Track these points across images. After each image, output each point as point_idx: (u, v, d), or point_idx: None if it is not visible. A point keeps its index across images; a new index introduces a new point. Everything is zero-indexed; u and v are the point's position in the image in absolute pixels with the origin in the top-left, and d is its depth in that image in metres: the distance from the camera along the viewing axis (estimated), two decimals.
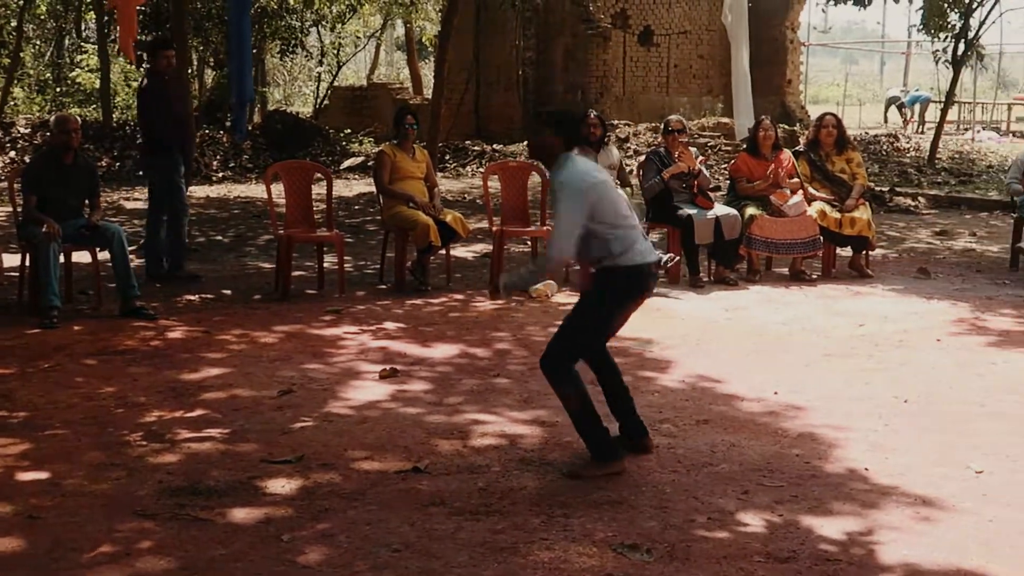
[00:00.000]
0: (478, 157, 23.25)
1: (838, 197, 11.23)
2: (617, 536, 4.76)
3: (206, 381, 7.25)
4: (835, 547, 4.71)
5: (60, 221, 9.04)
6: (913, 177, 20.81)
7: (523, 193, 11.48)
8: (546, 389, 7.00)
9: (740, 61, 23.16)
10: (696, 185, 10.95)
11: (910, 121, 35.88)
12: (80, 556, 4.54)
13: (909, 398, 6.98)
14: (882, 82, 58.49)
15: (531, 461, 5.74)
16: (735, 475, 5.58)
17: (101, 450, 5.85)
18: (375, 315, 9.33)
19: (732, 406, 6.81)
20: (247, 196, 18.65)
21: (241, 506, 5.09)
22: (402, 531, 4.80)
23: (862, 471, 5.67)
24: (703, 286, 10.60)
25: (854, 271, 11.33)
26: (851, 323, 9.15)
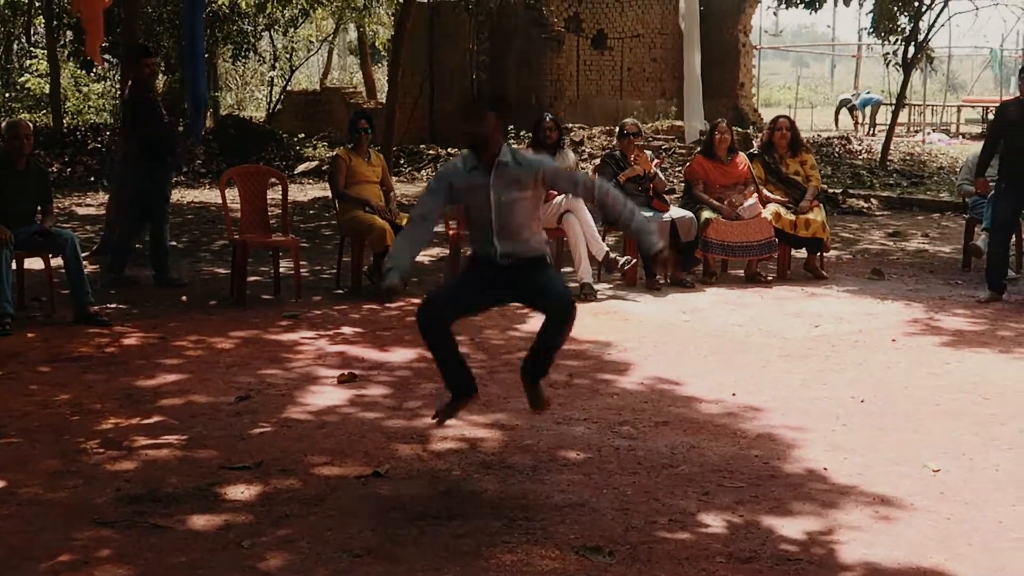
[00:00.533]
0: (433, 161, 23.24)
1: (792, 199, 11.29)
2: (579, 538, 4.76)
3: (163, 387, 7.20)
4: (796, 547, 4.73)
5: (12, 227, 8.95)
6: (865, 179, 20.95)
7: None
8: (506, 393, 7.04)
9: (692, 64, 23.29)
10: (652, 188, 10.98)
11: (861, 124, 36.12)
12: (37, 565, 4.49)
13: (866, 398, 7.02)
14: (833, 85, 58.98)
15: (491, 465, 5.73)
16: (695, 476, 5.59)
17: (57, 458, 5.80)
18: (332, 320, 9.30)
19: (691, 408, 6.83)
20: (201, 201, 18.55)
21: (200, 513, 5.05)
22: (363, 536, 4.78)
23: (821, 471, 5.69)
24: (660, 288, 10.62)
25: (809, 272, 11.38)
26: (807, 324, 9.20)
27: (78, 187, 19.57)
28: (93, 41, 13.12)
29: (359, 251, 10.40)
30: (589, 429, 6.35)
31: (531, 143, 11.19)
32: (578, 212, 10.36)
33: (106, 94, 28.80)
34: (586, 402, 6.91)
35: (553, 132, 10.94)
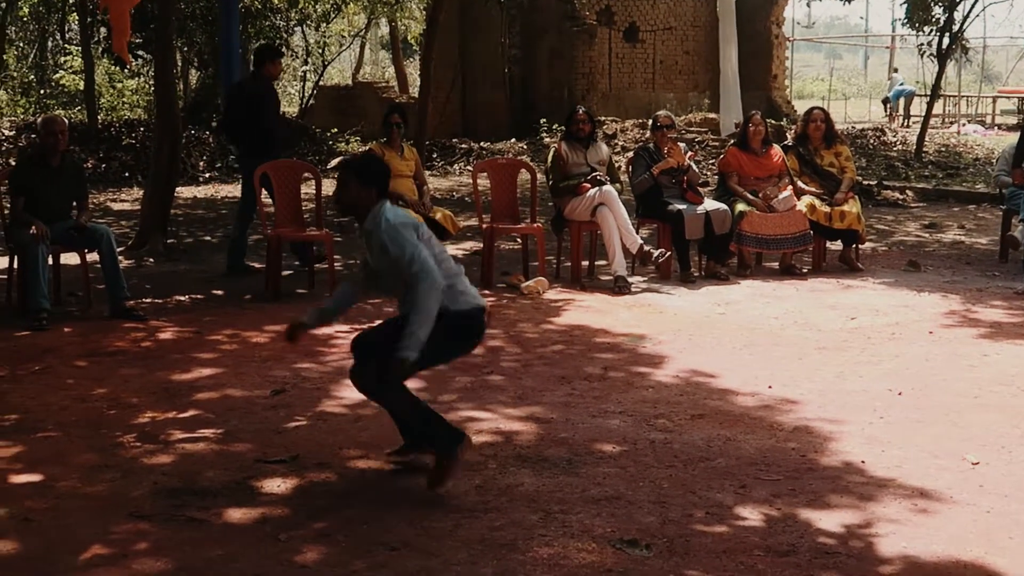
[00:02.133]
0: (465, 155, 23.22)
1: (827, 191, 11.23)
2: (616, 532, 4.75)
3: (198, 381, 7.22)
4: (834, 540, 4.70)
5: (48, 223, 8.98)
6: (900, 170, 20.81)
7: (512, 190, 11.45)
8: (540, 386, 7.04)
9: (728, 57, 23.19)
10: (685, 180, 10.94)
11: (895, 116, 35.91)
12: (75, 558, 4.51)
13: (903, 391, 6.97)
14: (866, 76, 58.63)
15: (527, 458, 5.72)
16: (732, 469, 5.57)
17: (94, 452, 5.83)
18: (366, 314, 9.28)
19: (727, 401, 6.80)
20: (235, 196, 18.57)
21: (237, 506, 5.07)
22: (400, 529, 4.78)
23: (858, 464, 5.66)
24: (694, 281, 10.58)
25: (844, 265, 11.32)
26: (843, 317, 9.15)
27: (113, 183, 19.63)
28: (120, 38, 13.18)
29: None
30: (625, 422, 6.33)
31: (563, 136, 11.17)
32: (612, 205, 10.33)
33: (140, 90, 28.92)
34: (621, 395, 6.89)
35: (586, 125, 10.91)
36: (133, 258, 11.76)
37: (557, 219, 10.97)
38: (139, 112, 27.76)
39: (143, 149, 20.39)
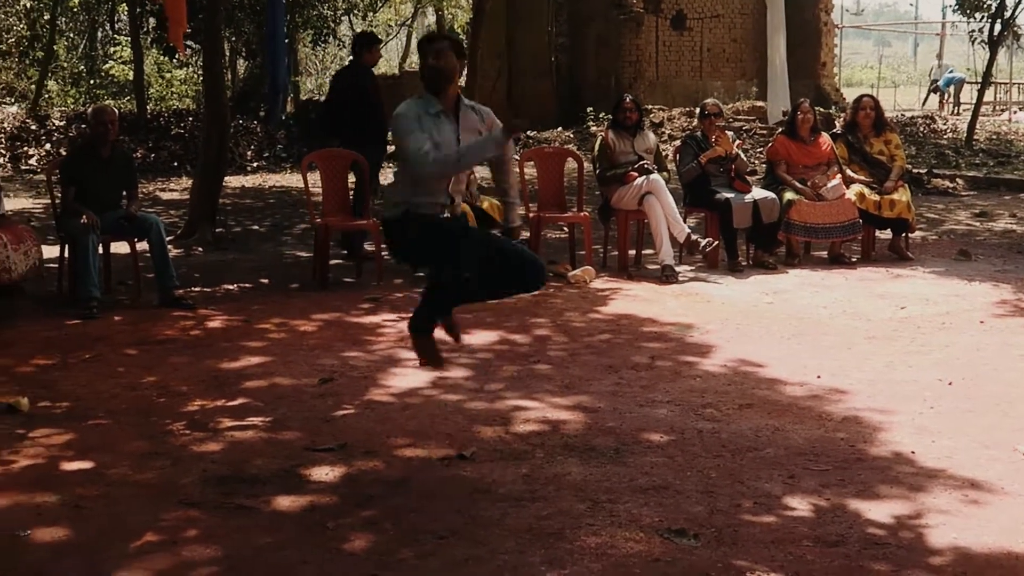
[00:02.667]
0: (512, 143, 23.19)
1: (876, 179, 11.15)
2: (664, 521, 4.73)
3: (247, 370, 7.26)
4: (884, 531, 4.66)
5: (98, 212, 9.05)
6: (951, 159, 20.65)
7: (559, 179, 11.45)
8: (587, 375, 7.03)
9: (776, 45, 23.03)
10: (733, 169, 10.90)
11: (946, 103, 35.57)
12: (126, 545, 4.54)
13: (954, 380, 6.92)
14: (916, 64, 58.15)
15: (574, 447, 5.71)
16: (780, 459, 5.54)
17: (144, 439, 5.86)
18: (413, 302, 9.21)
19: (775, 390, 6.76)
20: (282, 185, 18.68)
21: (285, 494, 5.08)
22: (447, 518, 4.79)
23: (908, 454, 5.62)
24: (742, 270, 10.55)
25: (894, 254, 11.25)
26: (892, 306, 9.08)
27: (162, 172, 19.78)
28: (176, 28, 13.25)
29: None
30: (672, 411, 6.31)
31: (610, 125, 11.14)
32: (659, 194, 10.31)
33: (188, 80, 29.08)
34: (669, 384, 6.87)
35: (633, 113, 10.89)
36: (182, 247, 11.84)
37: (604, 208, 10.96)
38: (187, 102, 27.92)
39: (192, 139, 20.54)
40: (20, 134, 21.26)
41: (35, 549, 4.50)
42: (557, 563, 4.33)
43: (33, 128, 21.57)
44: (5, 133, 21.13)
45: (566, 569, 4.28)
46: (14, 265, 8.66)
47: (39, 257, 9.06)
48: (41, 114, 22.82)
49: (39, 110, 23.49)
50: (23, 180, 18.78)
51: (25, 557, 4.42)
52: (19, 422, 6.16)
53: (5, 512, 4.89)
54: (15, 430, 6.02)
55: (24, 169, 19.86)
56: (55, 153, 19.88)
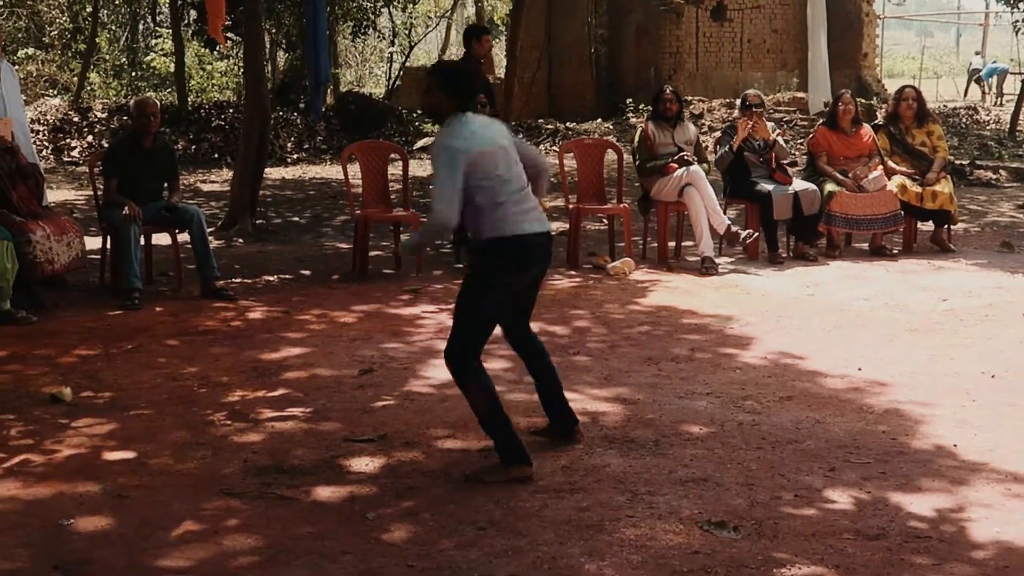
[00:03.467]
0: (551, 135, 23.20)
1: (918, 171, 11.08)
2: (703, 513, 4.72)
3: (287, 361, 7.28)
4: (925, 524, 4.64)
5: (140, 203, 9.11)
6: (994, 150, 20.50)
7: (599, 170, 11.43)
8: (627, 367, 7.02)
9: (817, 36, 22.89)
10: (773, 157, 10.85)
11: (988, 93, 35.29)
12: (167, 534, 4.57)
13: (996, 373, 6.87)
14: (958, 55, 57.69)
15: (614, 439, 5.71)
16: (821, 452, 5.51)
17: (186, 429, 5.90)
18: (452, 294, 9.23)
19: (815, 382, 6.73)
20: (322, 177, 18.74)
21: (325, 484, 5.11)
22: (487, 509, 4.80)
23: (950, 447, 5.58)
24: (782, 262, 10.50)
25: (936, 246, 11.17)
26: (934, 298, 9.02)
27: (203, 164, 19.88)
28: (215, 21, 13.30)
29: None
30: (712, 404, 6.29)
31: (650, 116, 11.11)
32: (699, 185, 10.27)
33: (229, 72, 29.20)
34: (708, 376, 6.85)
35: (673, 104, 10.86)
36: (223, 238, 11.90)
37: (644, 199, 10.93)
38: (228, 94, 28.03)
39: (232, 130, 20.64)
40: (63, 126, 21.41)
41: (78, 538, 4.54)
42: (596, 555, 4.33)
43: (75, 120, 21.71)
44: (48, 125, 21.28)
45: (605, 561, 4.28)
46: (57, 256, 8.73)
47: (82, 248, 9.14)
48: (83, 106, 22.95)
49: (81, 102, 23.63)
50: (66, 172, 18.91)
51: (68, 546, 4.46)
52: (62, 412, 6.21)
53: (49, 501, 4.93)
54: (58, 420, 6.07)
55: (67, 161, 20.00)
56: (97, 145, 20.01)
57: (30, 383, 6.79)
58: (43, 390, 6.58)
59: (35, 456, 5.51)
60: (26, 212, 8.74)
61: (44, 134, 20.82)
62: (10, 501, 4.93)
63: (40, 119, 21.25)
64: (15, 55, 26.68)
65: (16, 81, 10.14)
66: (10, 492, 5.03)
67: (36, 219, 8.76)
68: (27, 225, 8.57)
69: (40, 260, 8.56)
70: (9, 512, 4.81)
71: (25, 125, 10.28)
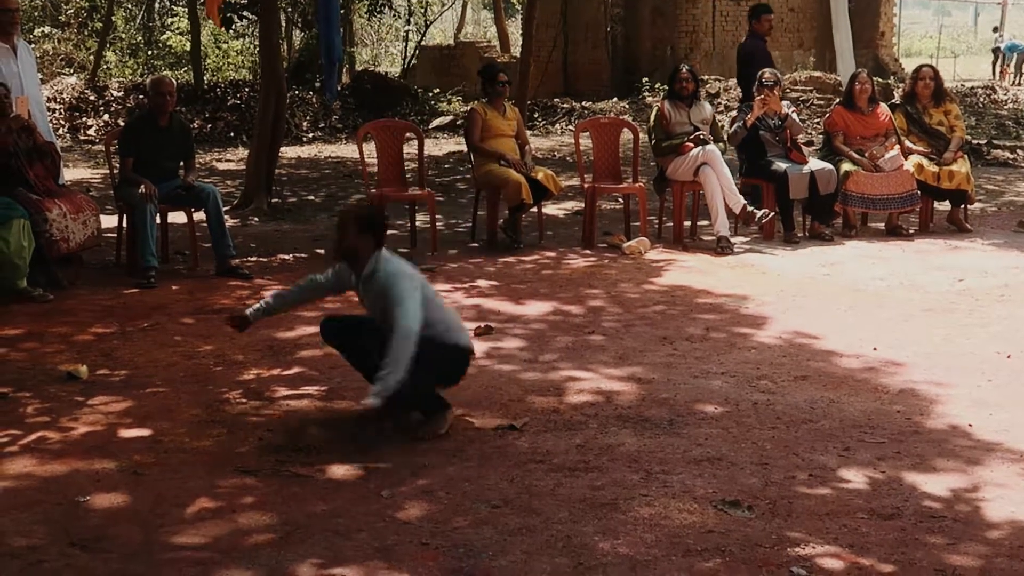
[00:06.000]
0: (567, 114, 23.16)
1: (935, 150, 11.03)
2: (718, 493, 4.73)
3: (302, 339, 7.29)
4: (940, 504, 4.64)
5: (156, 182, 9.12)
6: (1011, 130, 20.39)
7: (615, 150, 11.40)
8: (642, 346, 7.03)
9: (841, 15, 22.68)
10: (788, 135, 10.81)
11: (1006, 72, 35.11)
12: (183, 511, 4.60)
13: (1012, 353, 6.84)
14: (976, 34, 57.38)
15: (628, 418, 5.71)
16: (835, 431, 5.51)
17: (201, 408, 5.92)
18: (468, 273, 9.33)
19: (830, 362, 6.73)
20: (338, 156, 18.73)
21: (340, 463, 5.12)
22: (501, 487, 4.81)
23: (965, 427, 5.58)
24: (798, 242, 10.48)
25: (952, 225, 11.14)
26: (950, 278, 9.00)
27: (218, 143, 19.89)
28: (211, 3, 13.31)
29: (494, 205, 10.42)
30: (727, 383, 6.29)
31: (666, 95, 11.09)
32: (715, 164, 10.24)
33: (245, 51, 29.19)
34: (723, 356, 6.85)
35: (689, 84, 10.82)
36: (238, 217, 11.91)
37: (659, 179, 10.91)
38: (244, 73, 28.03)
39: (248, 109, 20.64)
40: (79, 104, 21.43)
41: (93, 515, 4.57)
42: (610, 533, 4.34)
43: (92, 99, 21.73)
44: (64, 104, 21.31)
45: (619, 539, 4.29)
46: (73, 234, 8.75)
47: (98, 226, 9.16)
48: (99, 85, 22.96)
49: (97, 81, 23.63)
50: (82, 150, 18.93)
51: (84, 523, 4.48)
52: (78, 389, 6.24)
53: (65, 478, 4.96)
54: (74, 397, 6.10)
55: (83, 139, 20.03)
56: (113, 123, 20.02)
57: (46, 361, 6.82)
58: (59, 368, 6.61)
59: (51, 433, 5.54)
60: (43, 190, 8.75)
61: (60, 112, 20.85)
62: (27, 478, 4.96)
63: (56, 97, 21.28)
64: (31, 33, 26.71)
65: (33, 60, 10.14)
66: (27, 469, 5.07)
67: (52, 197, 8.78)
68: (43, 203, 8.59)
69: (56, 238, 8.59)
70: (26, 489, 4.83)
71: (42, 103, 10.30)
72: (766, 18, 12.62)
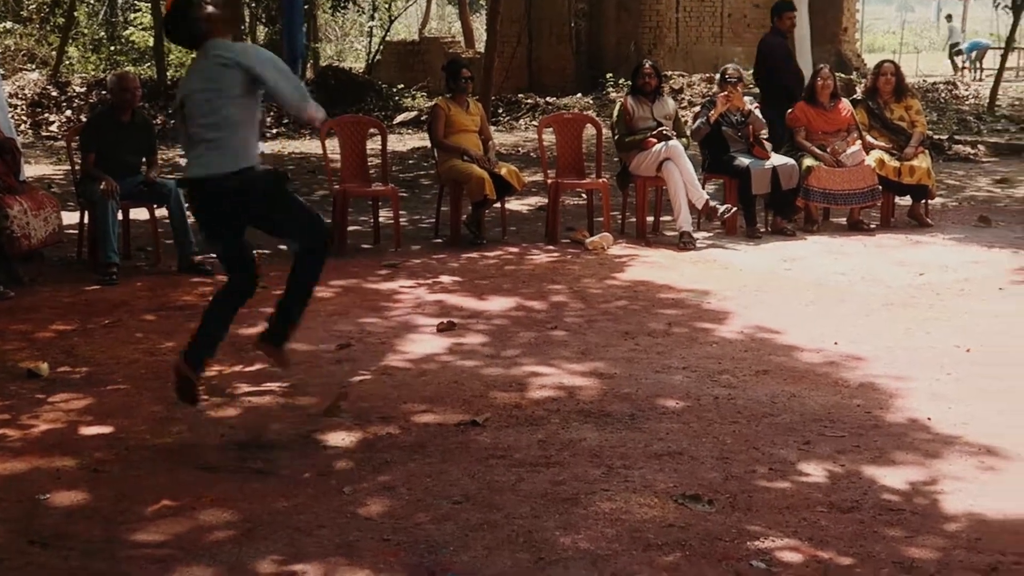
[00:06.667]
0: (531, 110, 23.18)
1: (897, 145, 11.10)
2: (678, 487, 4.74)
3: None
4: (898, 497, 4.67)
5: (118, 178, 9.09)
6: (972, 125, 20.53)
7: (578, 145, 11.42)
8: (604, 341, 7.04)
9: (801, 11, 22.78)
10: (751, 131, 10.85)
11: (965, 68, 35.33)
12: (144, 508, 4.58)
13: (972, 347, 6.89)
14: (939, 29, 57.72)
15: (590, 413, 5.73)
16: (796, 425, 5.54)
17: (163, 404, 5.90)
18: (431, 269, 9.34)
19: (791, 357, 6.76)
20: (301, 152, 18.69)
21: (302, 459, 5.12)
22: (463, 483, 4.81)
23: (924, 421, 5.61)
24: (760, 237, 10.53)
25: (913, 220, 11.20)
26: (911, 272, 9.05)
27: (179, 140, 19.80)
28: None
29: (457, 200, 10.42)
30: (688, 378, 6.32)
31: (630, 91, 11.12)
32: (678, 160, 10.27)
33: None
34: (685, 351, 6.87)
35: (652, 79, 10.85)
36: None
37: (622, 174, 10.94)
38: None
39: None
40: (41, 100, 21.33)
41: (54, 512, 4.54)
42: (571, 528, 4.35)
43: (54, 94, 21.63)
44: (26, 99, 21.20)
45: (580, 534, 4.30)
46: (34, 231, 8.71)
47: (59, 223, 9.12)
48: (62, 80, 22.85)
49: (60, 76, 23.51)
50: (44, 146, 18.83)
51: (44, 520, 4.46)
52: (39, 387, 6.21)
53: (25, 476, 4.93)
54: (35, 395, 6.07)
55: (45, 136, 19.93)
56: (75, 119, 19.93)
57: (7, 358, 6.78)
58: (20, 365, 6.58)
59: (11, 431, 5.51)
60: (3, 187, 8.71)
61: (22, 109, 20.74)
62: None
63: (18, 93, 21.17)
64: None
65: None
66: None
67: (13, 194, 8.73)
68: (4, 200, 8.55)
69: (17, 235, 8.54)
70: None
71: (3, 99, 10.25)
72: (788, 15, 12.70)
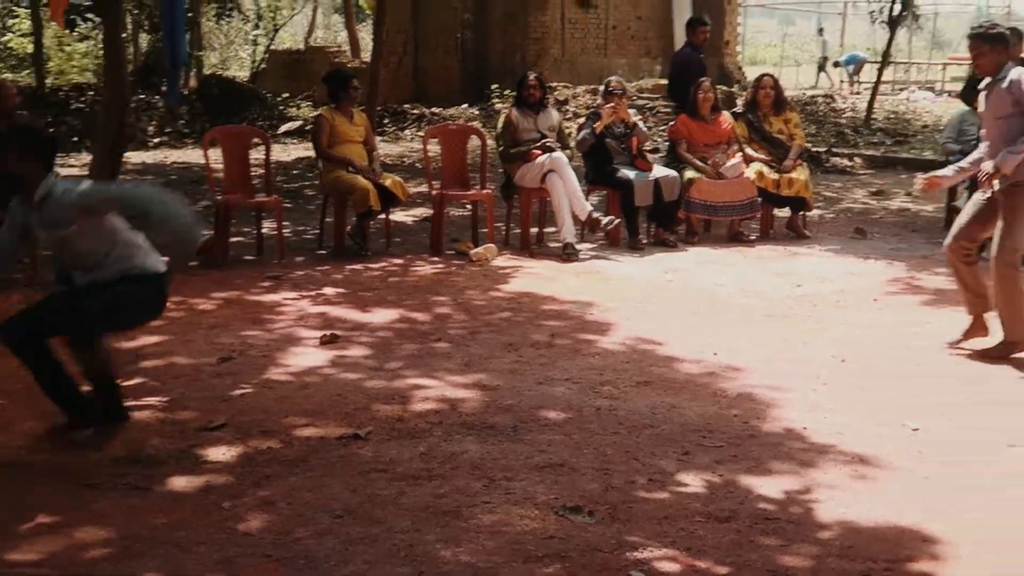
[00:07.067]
0: (416, 121, 23.16)
1: (776, 158, 11.27)
2: (559, 499, 4.78)
3: (144, 349, 7.19)
4: (774, 506, 4.75)
5: None
6: (850, 137, 20.92)
7: (463, 156, 11.44)
8: (487, 353, 7.06)
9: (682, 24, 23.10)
10: (635, 144, 10.96)
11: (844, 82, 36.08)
12: (18, 527, 4.50)
13: (847, 358, 7.04)
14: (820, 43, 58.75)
15: (472, 425, 5.74)
16: (675, 436, 5.61)
17: (39, 420, 5.79)
18: (314, 280, 9.29)
19: (672, 368, 6.84)
20: (184, 162, 18.47)
21: (181, 474, 5.07)
22: (344, 497, 4.80)
23: (800, 430, 5.72)
24: (642, 248, 10.62)
25: (791, 232, 11.39)
26: (789, 284, 9.21)
27: (62, 148, 19.44)
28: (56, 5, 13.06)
29: (342, 211, 10.38)
30: (570, 389, 6.36)
31: (514, 102, 11.17)
32: (562, 171, 10.34)
33: (89, 54, 28.62)
34: (567, 362, 6.92)
35: (536, 91, 10.91)
36: None
37: (507, 186, 10.98)
38: (88, 76, 27.48)
39: (92, 113, 20.21)
40: None
41: None
42: (452, 541, 4.36)
43: None
44: None
45: (461, 547, 4.31)
46: None
47: None
48: None
49: None
50: None
51: None
52: None
53: None
54: None
55: None
56: None
57: None
58: None
59: None
60: None
61: None
62: None
63: None
64: None
65: None
66: None
67: None
68: None
69: None
70: None
71: None
72: (702, 30, 12.90)
